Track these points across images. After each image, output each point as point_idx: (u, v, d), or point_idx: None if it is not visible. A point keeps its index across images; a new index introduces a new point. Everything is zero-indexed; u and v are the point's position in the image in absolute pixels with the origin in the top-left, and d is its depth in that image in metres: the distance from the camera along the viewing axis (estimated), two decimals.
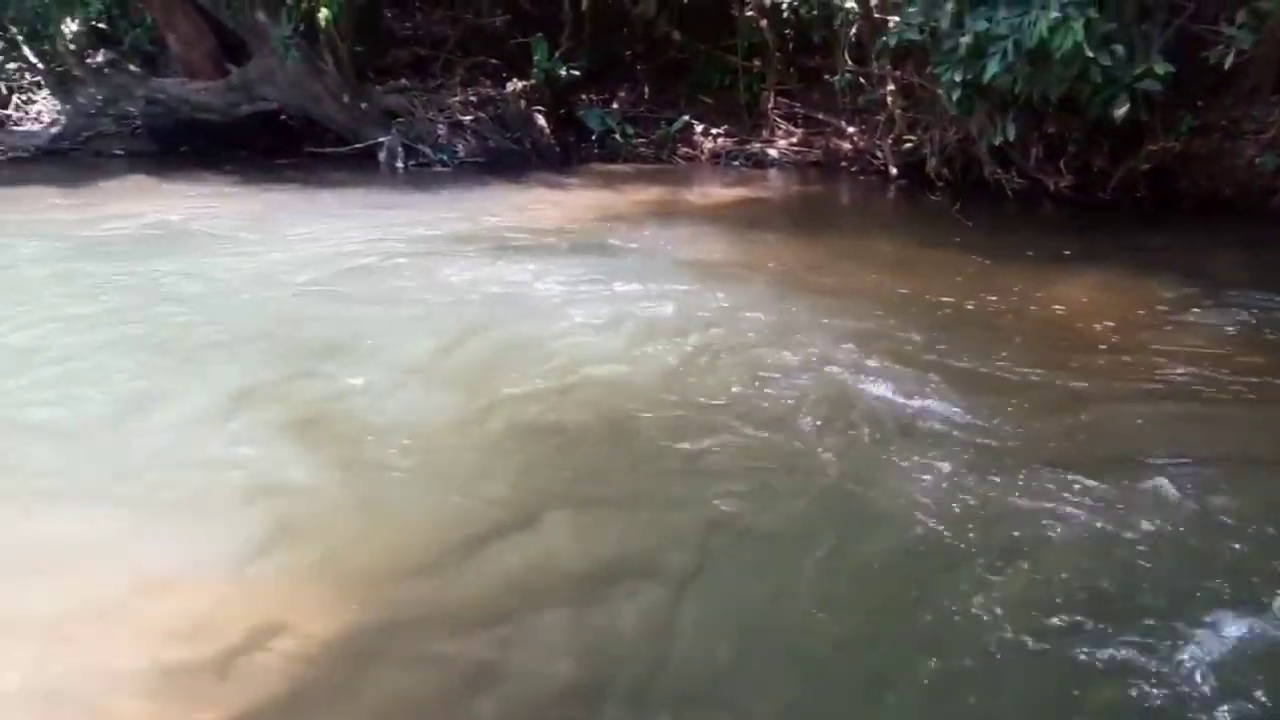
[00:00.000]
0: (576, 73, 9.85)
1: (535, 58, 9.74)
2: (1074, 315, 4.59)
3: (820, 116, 9.80)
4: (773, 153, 9.80)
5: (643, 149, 10.04)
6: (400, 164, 9.21)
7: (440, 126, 9.42)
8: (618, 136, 10.07)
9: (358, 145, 9.35)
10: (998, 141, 6.41)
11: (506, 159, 9.45)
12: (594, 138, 10.11)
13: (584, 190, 8.40)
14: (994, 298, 4.82)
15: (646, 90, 10.59)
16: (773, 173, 9.50)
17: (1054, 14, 5.37)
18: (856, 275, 5.41)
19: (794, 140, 9.89)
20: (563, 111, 10.15)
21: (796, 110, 10.10)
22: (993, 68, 5.66)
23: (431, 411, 3.45)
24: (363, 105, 9.43)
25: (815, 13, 9.57)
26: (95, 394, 3.64)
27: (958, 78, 5.91)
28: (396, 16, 10.36)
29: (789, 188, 8.74)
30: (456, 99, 9.56)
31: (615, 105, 10.40)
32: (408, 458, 3.09)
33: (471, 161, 9.35)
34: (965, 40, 5.75)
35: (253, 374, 3.80)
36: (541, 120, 9.77)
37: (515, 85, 9.70)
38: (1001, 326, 4.42)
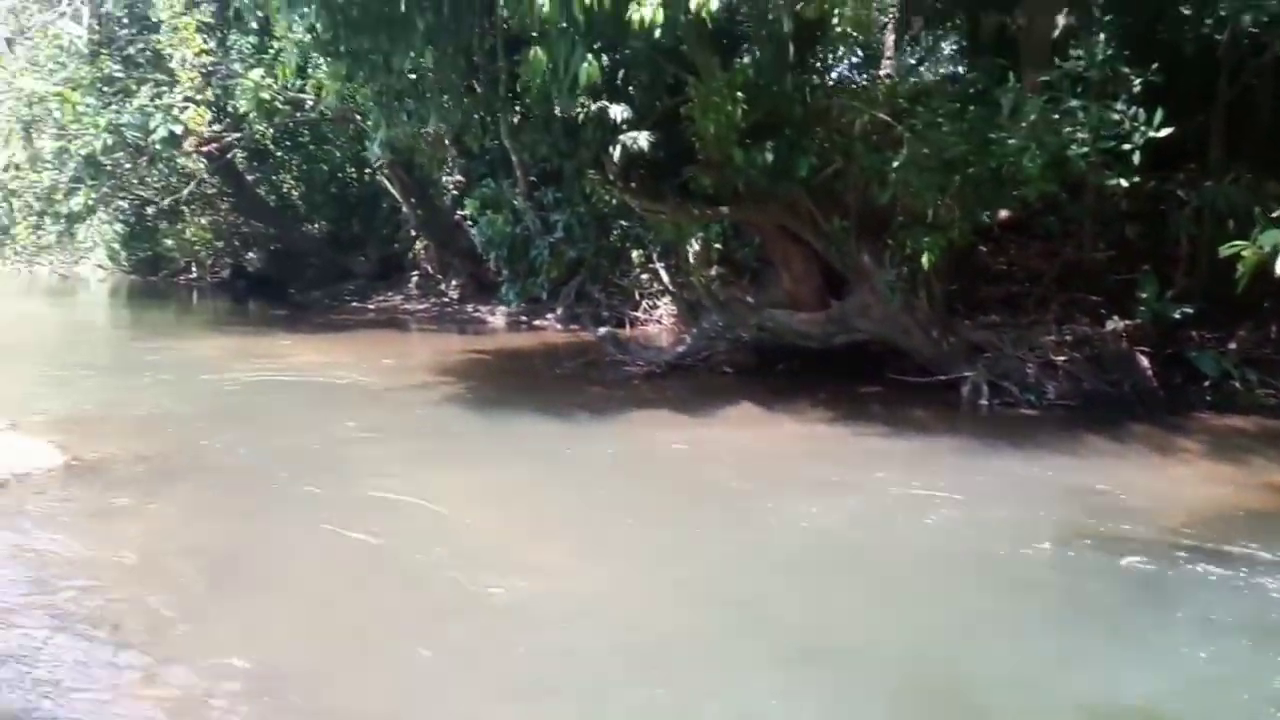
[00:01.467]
0: (1189, 310, 9.03)
1: (1142, 295, 9.18)
2: None
3: None
4: None
5: (1269, 399, 8.77)
6: (984, 401, 9.14)
7: (1029, 365, 9.21)
8: (1236, 383, 8.95)
9: (941, 378, 9.51)
10: None
11: (1101, 403, 8.88)
12: (1206, 383, 9.10)
13: (1196, 456, 7.49)
14: None
15: (1275, 329, 9.31)
16: None
17: None
18: None
19: None
20: (1169, 352, 9.33)
21: None
22: None
23: None
24: (950, 339, 9.63)
25: None
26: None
27: None
28: (991, 252, 10.52)
29: None
30: (1050, 337, 9.31)
31: (1233, 346, 9.27)
32: None
33: (1061, 404, 8.96)
34: None
35: None
36: (1144, 362, 9.08)
37: (1116, 324, 9.21)
38: None
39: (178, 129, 12.53)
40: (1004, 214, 10.34)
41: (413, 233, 19.21)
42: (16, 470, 5.94)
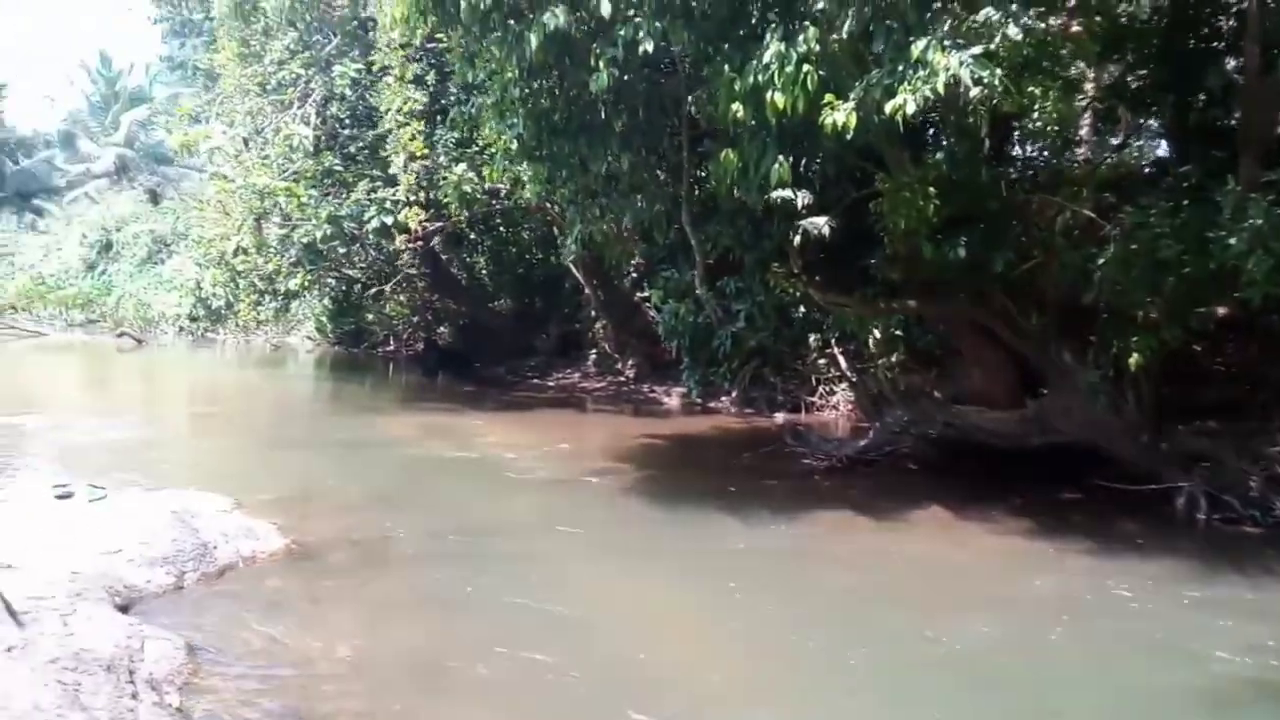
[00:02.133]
0: None
1: None
2: None
3: None
4: None
5: None
6: (1201, 515, 8.43)
7: (1254, 478, 8.44)
8: None
9: (1152, 487, 8.84)
10: None
11: None
12: None
13: None
14: None
15: None
16: None
17: None
18: None
19: None
20: None
21: None
22: None
23: None
24: (1161, 446, 8.97)
25: None
26: None
27: None
28: (1207, 351, 9.78)
29: None
30: (1276, 448, 8.51)
31: None
32: None
33: None
34: None
35: None
36: None
37: None
38: None
39: (389, 221, 13.52)
40: (1221, 311, 9.66)
41: (592, 313, 19.79)
42: (244, 554, 6.43)
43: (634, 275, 17.81)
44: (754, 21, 9.29)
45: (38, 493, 7.26)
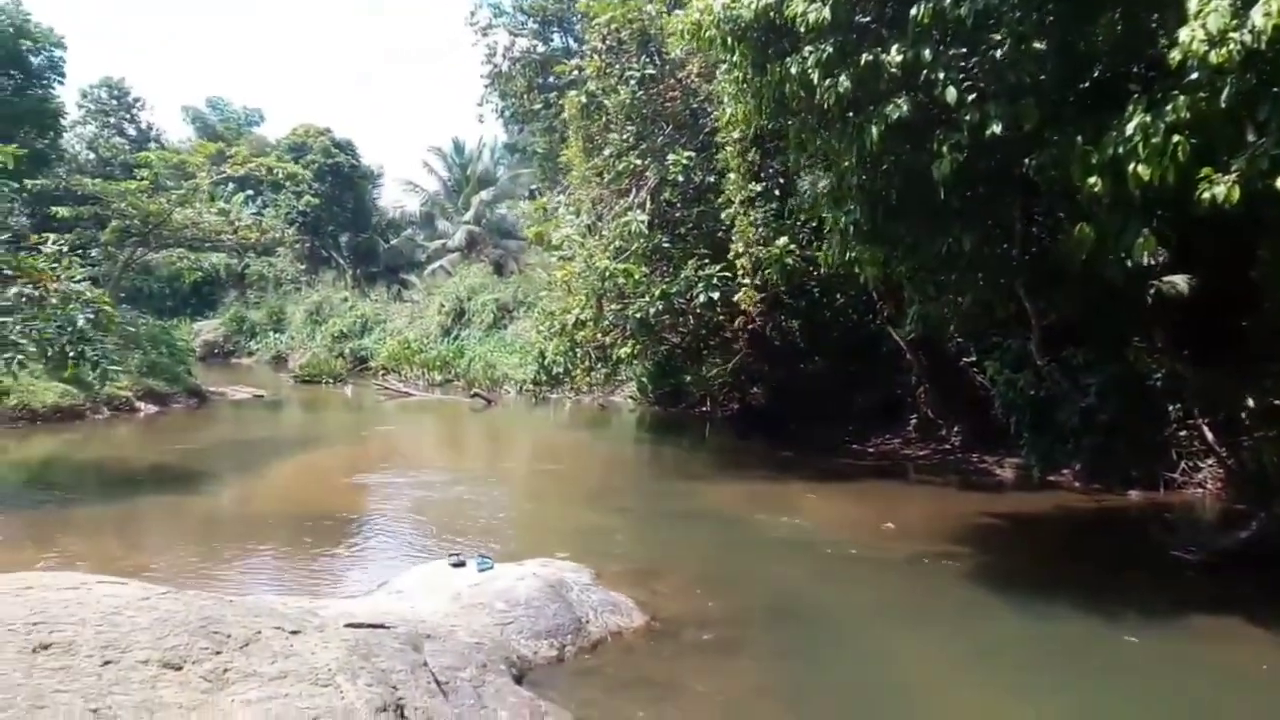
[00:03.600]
0: None
1: None
2: None
3: None
4: None
5: None
6: None
7: None
8: None
9: None
10: None
11: None
12: None
13: None
14: None
15: None
16: None
17: None
18: None
19: None
20: None
21: None
22: None
23: None
24: None
25: None
26: None
27: None
28: None
29: None
30: None
31: None
32: None
33: None
34: None
35: None
36: None
37: None
38: None
39: (715, 295, 14.19)
40: None
41: (914, 377, 19.29)
42: (611, 629, 6.94)
43: (959, 340, 17.17)
44: (1095, 79, 8.81)
45: (436, 562, 8.30)
